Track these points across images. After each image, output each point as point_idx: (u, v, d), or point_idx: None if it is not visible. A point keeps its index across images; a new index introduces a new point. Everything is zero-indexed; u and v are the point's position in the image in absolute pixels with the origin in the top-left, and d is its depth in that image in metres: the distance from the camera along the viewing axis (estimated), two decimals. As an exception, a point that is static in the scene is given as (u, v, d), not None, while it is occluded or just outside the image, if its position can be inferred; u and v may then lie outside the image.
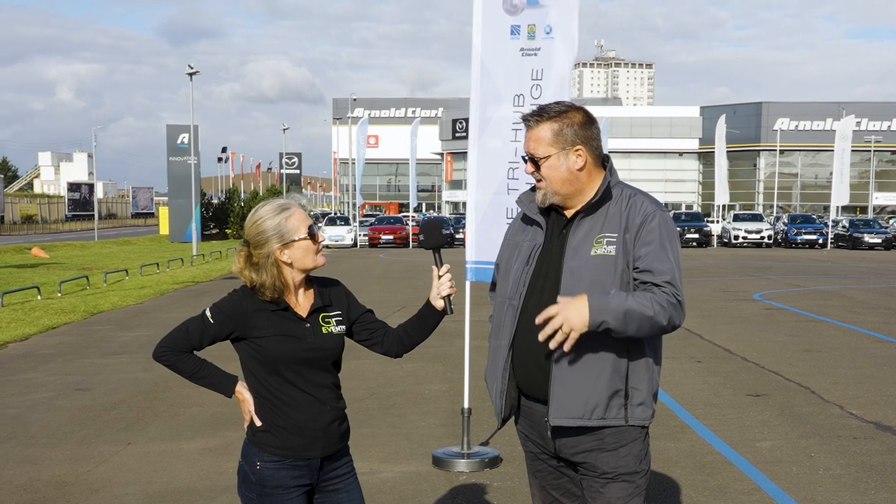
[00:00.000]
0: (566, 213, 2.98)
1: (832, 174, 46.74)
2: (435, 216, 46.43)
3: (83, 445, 6.65)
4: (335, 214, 51.63)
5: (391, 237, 41.74)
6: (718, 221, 48.39)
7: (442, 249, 3.11)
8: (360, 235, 41.81)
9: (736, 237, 43.01)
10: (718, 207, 50.00)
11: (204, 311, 2.95)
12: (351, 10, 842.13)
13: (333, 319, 2.99)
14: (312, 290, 3.00)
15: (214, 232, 53.01)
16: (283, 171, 72.93)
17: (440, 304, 3.02)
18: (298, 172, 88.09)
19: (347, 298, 3.08)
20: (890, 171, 73.91)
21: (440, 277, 3.01)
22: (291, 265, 2.91)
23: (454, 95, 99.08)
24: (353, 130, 50.74)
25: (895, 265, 29.05)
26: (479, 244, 5.99)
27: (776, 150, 64.70)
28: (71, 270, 24.63)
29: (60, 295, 17.49)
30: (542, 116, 2.94)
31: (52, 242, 43.85)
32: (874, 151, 66.15)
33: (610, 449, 2.89)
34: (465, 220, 5.56)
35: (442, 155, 76.53)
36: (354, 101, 72.18)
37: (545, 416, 2.93)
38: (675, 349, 10.79)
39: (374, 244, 41.34)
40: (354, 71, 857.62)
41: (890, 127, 71.70)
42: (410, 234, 41.70)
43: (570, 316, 2.70)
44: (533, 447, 3.08)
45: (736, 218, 46.02)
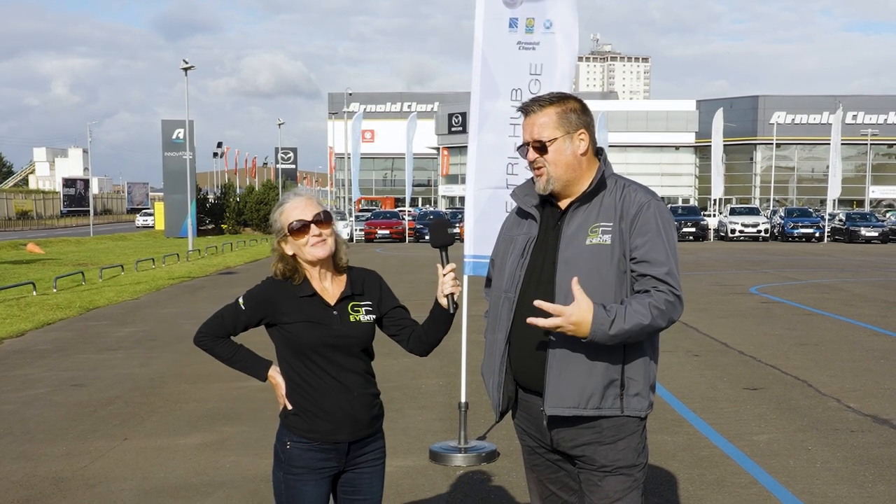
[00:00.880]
0: (560, 204, 2.98)
1: (828, 167, 46.82)
2: (442, 215, 46.34)
3: (79, 441, 6.64)
4: (331, 209, 51.50)
5: (387, 232, 41.72)
6: (715, 215, 48.40)
7: (449, 248, 3.16)
8: (355, 230, 41.77)
9: (732, 231, 43.06)
10: (715, 201, 50.02)
11: (238, 298, 3.08)
12: (347, 4, 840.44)
13: (363, 308, 3.07)
14: (345, 278, 3.09)
15: (210, 227, 52.98)
16: (278, 166, 72.87)
17: (444, 301, 3.06)
18: (294, 167, 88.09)
19: (381, 290, 3.15)
20: (886, 164, 74.01)
21: (444, 276, 3.02)
22: (295, 256, 3.03)
23: (450, 90, 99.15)
24: (348, 125, 50.66)
25: (892, 258, 29.09)
26: (477, 238, 5.97)
27: (773, 143, 64.71)
28: (66, 266, 24.59)
29: (56, 291, 17.46)
30: (545, 101, 2.96)
31: (47, 238, 43.79)
32: (870, 145, 66.21)
33: (608, 442, 2.88)
34: (461, 214, 5.55)
35: (438, 149, 76.55)
36: (350, 95, 72.02)
37: (541, 408, 2.92)
38: (672, 343, 10.79)
39: (370, 239, 41.33)
40: (351, 65, 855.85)
41: (886, 120, 71.78)
42: (406, 228, 41.70)
43: (571, 326, 2.71)
44: (530, 441, 3.08)
45: (732, 212, 46.07)
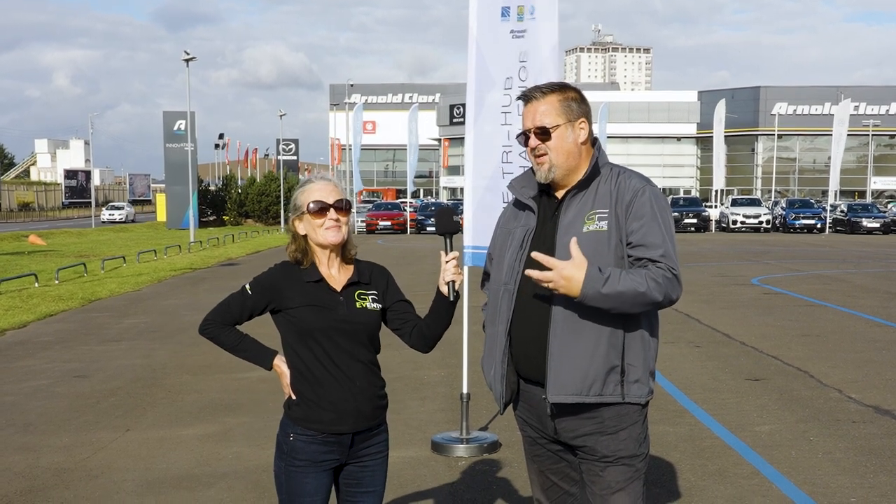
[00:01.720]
0: (557, 194, 2.99)
1: (830, 159, 46.74)
2: (447, 204, 46.29)
3: (82, 432, 6.65)
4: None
5: (389, 223, 41.74)
6: (717, 206, 48.38)
7: (454, 236, 3.15)
8: (357, 222, 41.76)
9: (734, 222, 43.03)
10: (716, 192, 49.99)
11: (244, 285, 3.10)
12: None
13: (370, 297, 3.07)
14: (352, 266, 3.10)
15: (212, 219, 52.98)
16: (280, 157, 72.77)
17: (445, 288, 3.04)
18: (296, 159, 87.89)
19: (388, 283, 3.16)
20: (888, 155, 73.84)
21: (447, 263, 3.02)
22: (306, 237, 3.04)
23: (452, 80, 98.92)
24: (349, 116, 50.61)
25: (893, 249, 29.07)
26: (476, 229, 5.96)
27: (774, 134, 64.61)
28: (68, 258, 24.60)
29: (58, 282, 17.47)
30: (546, 89, 2.97)
31: (48, 230, 43.82)
32: (872, 136, 66.08)
33: (609, 433, 2.88)
34: (462, 206, 5.55)
35: (439, 140, 76.43)
36: (351, 86, 71.95)
37: (543, 398, 2.92)
38: (673, 334, 10.79)
39: (371, 230, 41.34)
40: (352, 56, 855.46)
41: (888, 111, 71.59)
42: (408, 220, 41.68)
43: (563, 280, 2.72)
44: (532, 432, 3.08)
45: (734, 203, 46.03)
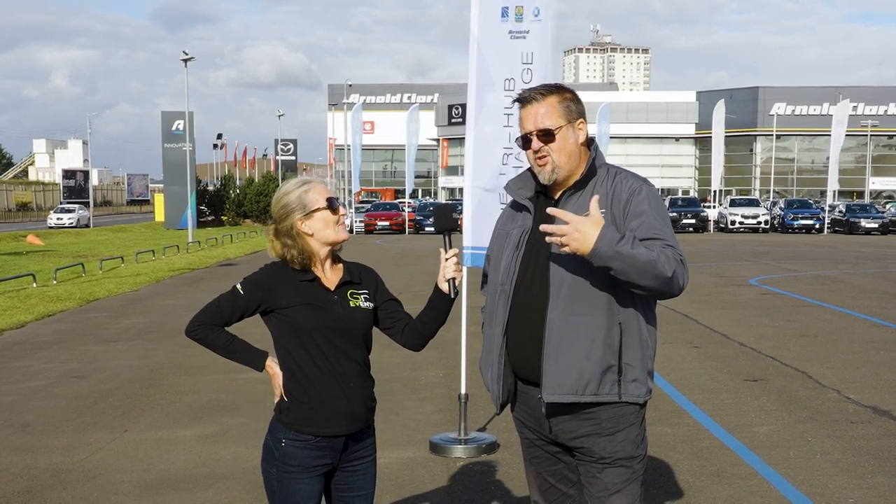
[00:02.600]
0: (554, 194, 2.99)
1: (829, 159, 46.75)
2: (446, 202, 46.36)
3: (80, 433, 6.64)
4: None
5: (387, 223, 41.72)
6: (715, 207, 48.36)
7: (453, 234, 3.15)
8: (355, 222, 41.73)
9: (733, 222, 43.03)
10: (715, 192, 49.98)
11: (235, 285, 3.05)
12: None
13: (362, 295, 3.06)
14: (342, 266, 3.09)
15: (210, 219, 52.94)
16: (278, 157, 72.82)
17: (445, 286, 3.04)
18: (294, 159, 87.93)
19: (377, 283, 3.15)
20: (887, 155, 73.84)
21: (446, 260, 3.01)
22: (313, 236, 2.99)
23: (450, 81, 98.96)
24: (348, 116, 50.58)
25: (892, 250, 29.08)
26: (475, 229, 5.96)
27: (773, 134, 64.60)
28: (66, 258, 24.58)
29: (56, 282, 17.46)
30: (545, 91, 2.97)
31: (47, 230, 43.75)
32: (871, 136, 66.10)
33: (607, 434, 2.88)
34: (461, 206, 5.54)
35: (438, 141, 76.39)
36: (350, 87, 71.92)
37: (539, 399, 2.91)
38: (672, 334, 10.79)
39: (370, 230, 41.32)
40: (352, 56, 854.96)
41: (887, 111, 71.60)
42: (406, 220, 41.67)
43: (577, 234, 2.66)
44: (529, 433, 3.07)
45: (732, 203, 46.03)
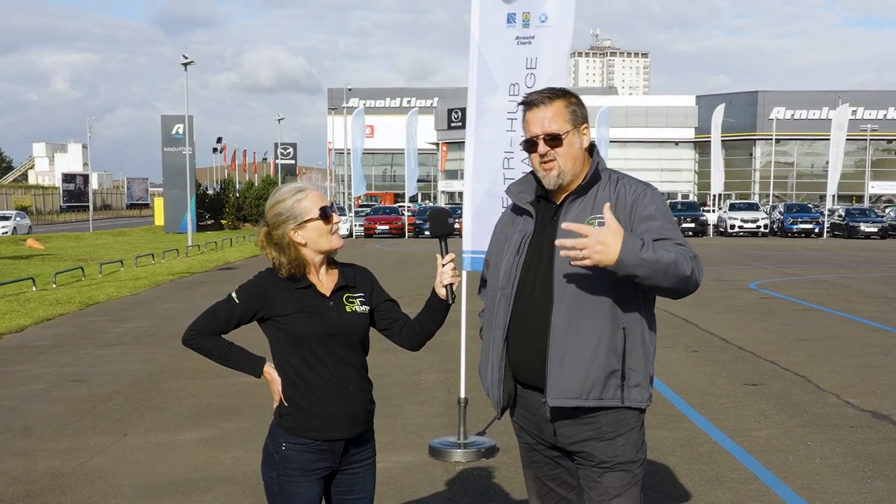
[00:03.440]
0: (556, 199, 2.99)
1: (828, 163, 46.80)
2: (442, 206, 46.30)
3: (79, 437, 6.64)
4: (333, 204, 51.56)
5: (387, 227, 41.70)
6: (714, 211, 48.39)
7: (448, 239, 3.13)
8: (355, 226, 41.73)
9: (732, 226, 43.08)
10: (714, 197, 50.01)
11: (230, 293, 3.03)
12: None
13: (357, 299, 3.05)
14: (337, 270, 3.07)
15: (210, 223, 52.92)
16: (278, 161, 72.86)
17: (442, 291, 3.04)
18: (294, 163, 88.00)
19: (372, 284, 3.14)
20: (886, 159, 73.87)
21: (444, 266, 3.01)
22: (306, 245, 2.97)
23: (449, 85, 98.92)
24: (347, 120, 50.59)
25: (891, 254, 29.09)
26: (475, 233, 5.96)
27: (772, 139, 64.63)
28: (66, 262, 24.58)
29: (55, 286, 17.45)
30: (551, 95, 2.95)
31: (46, 234, 43.76)
32: (870, 140, 66.16)
33: (607, 438, 2.88)
34: (461, 210, 5.52)
35: (437, 145, 76.43)
36: (349, 91, 71.91)
37: (541, 403, 2.92)
38: (671, 338, 10.79)
39: (369, 234, 41.31)
40: (352, 60, 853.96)
41: (886, 116, 71.66)
42: (406, 224, 41.67)
43: (599, 246, 2.61)
44: (529, 438, 3.07)
45: (732, 207, 46.08)
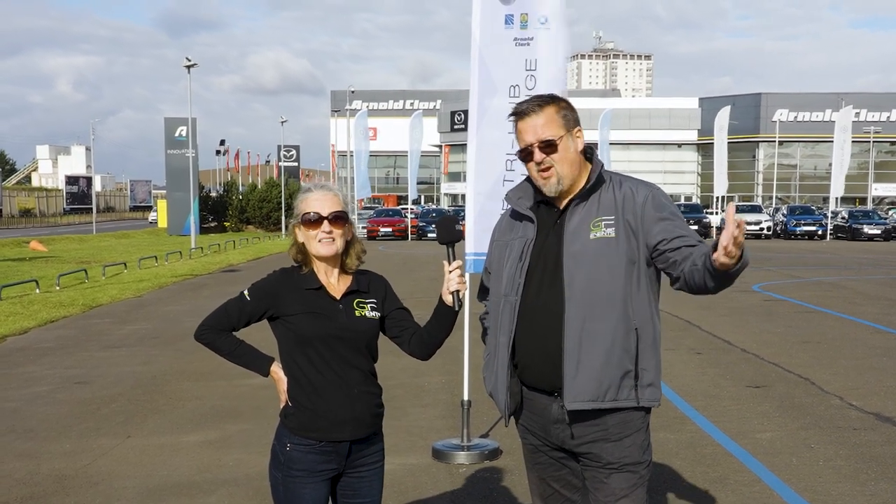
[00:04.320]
0: (557, 203, 2.99)
1: (831, 165, 46.76)
2: (445, 212, 46.27)
3: (82, 439, 6.64)
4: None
5: (390, 230, 41.73)
6: (717, 213, 48.34)
7: (456, 245, 3.11)
8: (358, 228, 41.71)
9: (735, 229, 42.94)
10: (717, 199, 49.97)
11: (242, 291, 3.08)
12: (351, 0, 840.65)
13: (368, 305, 3.06)
14: (351, 276, 3.09)
15: (213, 225, 53.01)
16: (281, 163, 72.88)
17: (449, 298, 3.03)
18: (297, 165, 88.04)
19: (386, 292, 3.15)
20: (889, 161, 73.86)
21: (450, 273, 3.00)
22: (304, 244, 3.03)
23: (452, 87, 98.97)
24: (350, 123, 50.63)
25: (895, 256, 29.05)
26: (478, 235, 5.97)
27: (775, 141, 64.64)
28: (69, 264, 24.60)
29: (59, 288, 17.47)
30: (541, 102, 2.96)
31: (49, 236, 43.83)
32: (873, 142, 66.10)
33: (614, 439, 2.89)
34: (464, 212, 5.48)
35: (440, 147, 76.45)
36: (352, 93, 72.00)
37: (549, 405, 2.93)
38: (674, 340, 10.78)
39: (372, 237, 41.33)
40: (355, 62, 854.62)
41: (889, 118, 71.62)
42: (409, 226, 41.68)
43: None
44: (534, 440, 3.07)
45: (735, 210, 45.96)
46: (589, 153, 3.03)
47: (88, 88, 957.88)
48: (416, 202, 52.81)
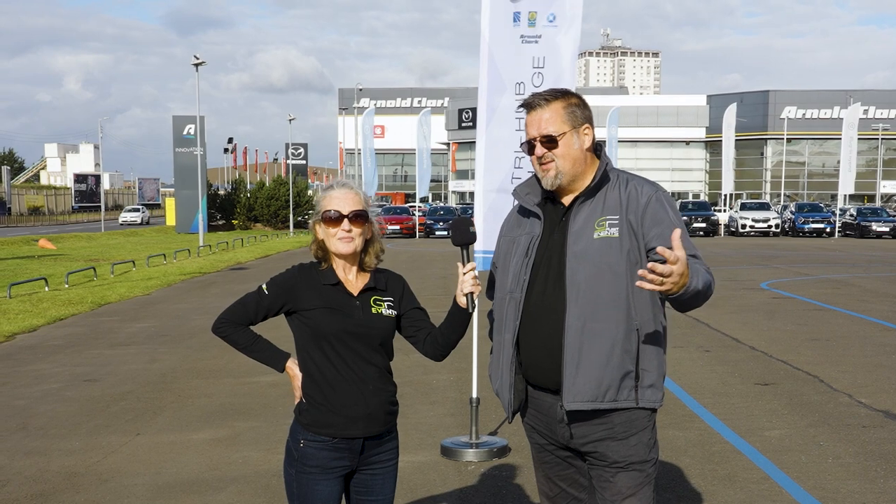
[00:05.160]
0: (563, 200, 2.99)
1: (839, 162, 46.63)
2: (453, 210, 46.22)
3: (92, 436, 6.67)
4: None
5: (397, 227, 41.75)
6: (725, 210, 48.27)
7: (470, 247, 3.09)
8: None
9: (743, 226, 42.97)
10: (725, 196, 49.89)
11: (261, 285, 3.11)
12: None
13: (385, 303, 3.08)
14: (369, 274, 3.11)
15: (221, 223, 53.10)
16: (289, 161, 72.97)
17: (463, 300, 3.01)
18: (305, 163, 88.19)
19: (403, 290, 3.16)
20: (898, 158, 73.56)
21: (465, 274, 2.99)
22: (324, 241, 3.06)
23: (460, 85, 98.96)
24: (358, 121, 50.65)
25: (903, 253, 28.93)
26: (486, 233, 5.96)
27: (783, 138, 64.43)
28: (78, 262, 24.69)
29: (68, 286, 17.53)
30: (549, 96, 2.97)
31: (58, 234, 43.97)
32: (882, 139, 65.86)
33: (620, 438, 2.89)
34: (472, 210, 5.52)
35: (448, 145, 76.41)
36: (360, 91, 71.99)
37: (553, 404, 2.92)
38: (682, 338, 10.77)
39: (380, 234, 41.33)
40: (363, 60, 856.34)
41: (897, 115, 71.29)
42: (417, 224, 41.69)
43: (683, 279, 2.63)
44: (540, 439, 3.08)
45: (743, 207, 45.96)
46: (597, 150, 3.02)
47: (97, 87, 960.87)
48: (423, 200, 52.78)
